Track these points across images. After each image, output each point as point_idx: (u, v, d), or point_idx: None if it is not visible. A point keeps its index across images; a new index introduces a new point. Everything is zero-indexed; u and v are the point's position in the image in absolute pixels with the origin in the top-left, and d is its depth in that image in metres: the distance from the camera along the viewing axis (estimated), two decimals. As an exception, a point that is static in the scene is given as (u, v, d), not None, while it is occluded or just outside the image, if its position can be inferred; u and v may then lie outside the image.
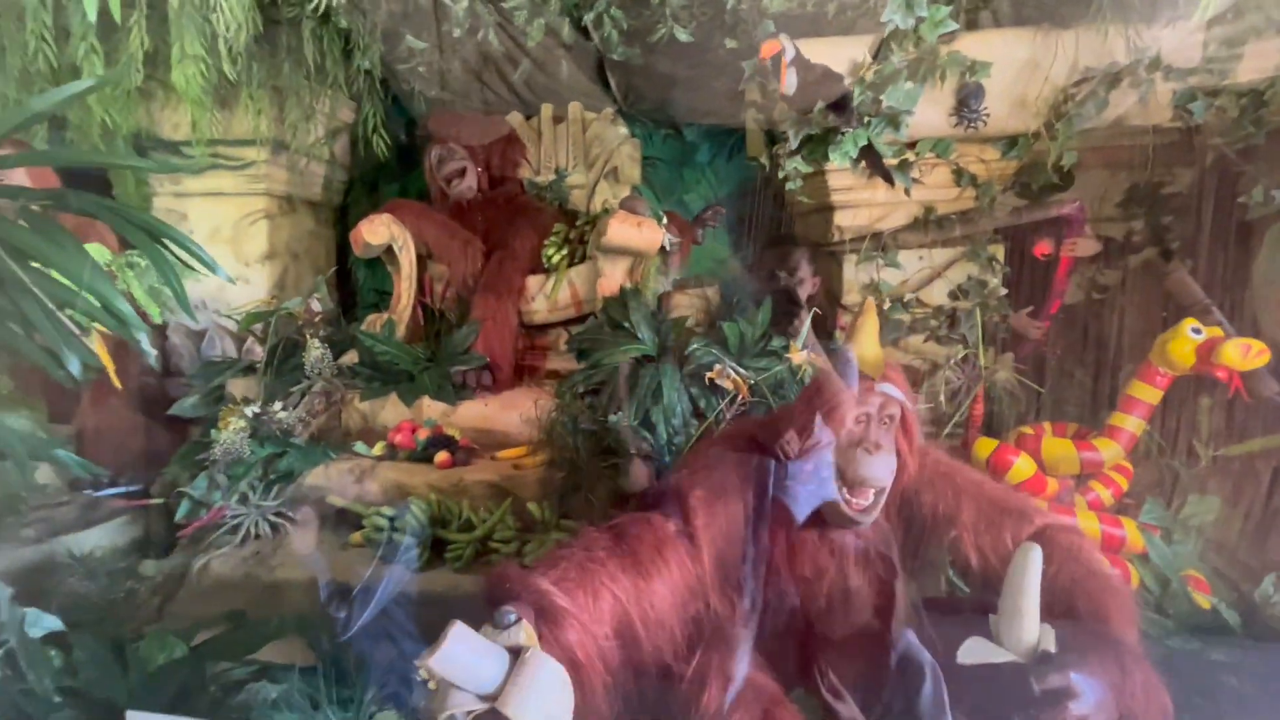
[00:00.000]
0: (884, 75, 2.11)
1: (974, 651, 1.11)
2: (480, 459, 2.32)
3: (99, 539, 2.12)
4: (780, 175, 2.54)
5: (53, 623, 1.20)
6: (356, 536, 2.02)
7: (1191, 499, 2.16)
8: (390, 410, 2.52)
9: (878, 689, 1.28)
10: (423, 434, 2.29)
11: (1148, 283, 2.94)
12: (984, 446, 2.18)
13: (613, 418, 2.25)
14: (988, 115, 2.58)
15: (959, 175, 2.80)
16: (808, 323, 2.46)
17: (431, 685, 0.89)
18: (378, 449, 2.29)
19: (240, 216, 3.28)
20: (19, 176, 1.58)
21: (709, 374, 2.23)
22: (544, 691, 0.87)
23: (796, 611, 1.52)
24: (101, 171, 3.05)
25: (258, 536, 2.06)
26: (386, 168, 3.79)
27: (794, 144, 2.30)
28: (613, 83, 3.13)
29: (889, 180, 2.47)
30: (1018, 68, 2.55)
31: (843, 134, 2.20)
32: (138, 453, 2.43)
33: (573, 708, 0.93)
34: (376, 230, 2.74)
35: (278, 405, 2.27)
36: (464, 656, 0.85)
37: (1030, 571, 1.09)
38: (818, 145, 2.31)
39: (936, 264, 2.95)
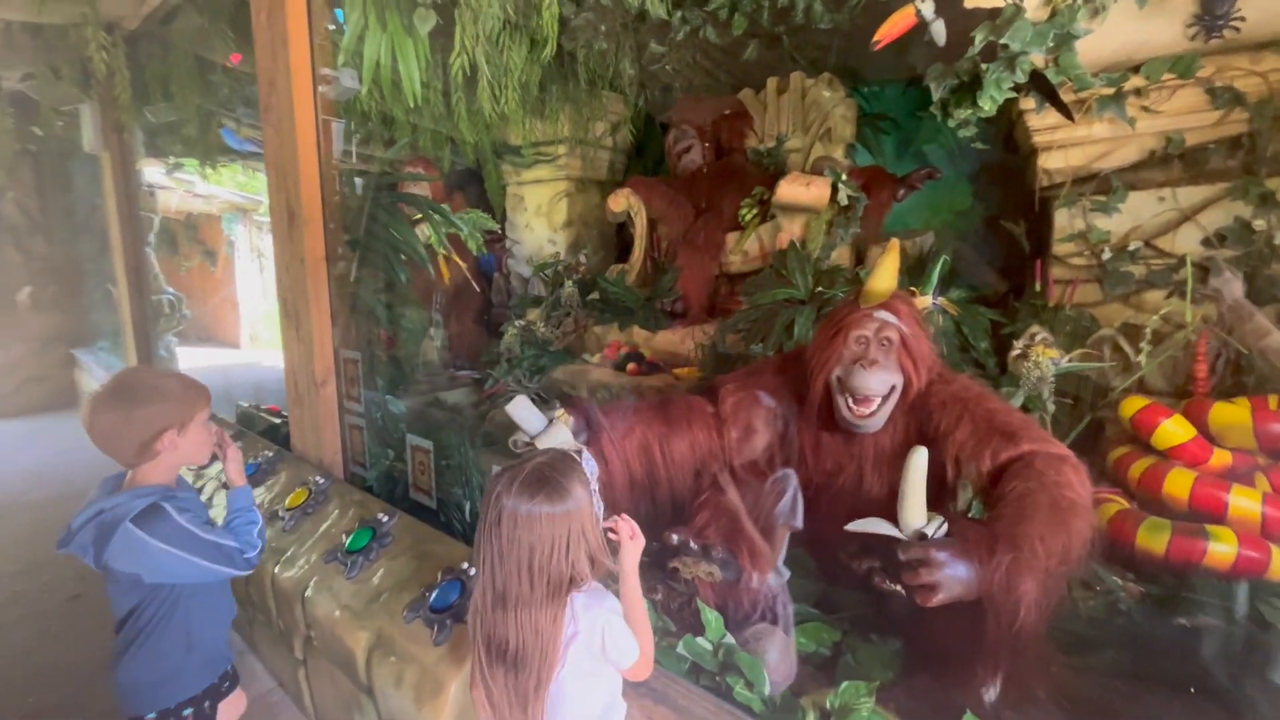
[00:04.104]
0: (1005, 17, 2.00)
1: (863, 524, 1.37)
2: (661, 372, 3.06)
3: (454, 396, 3.57)
4: (951, 124, 2.54)
5: (401, 408, 2.44)
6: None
7: None
8: (614, 333, 3.45)
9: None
10: (623, 350, 3.14)
11: None
12: (1131, 404, 1.98)
13: (755, 347, 2.73)
14: (1242, 18, 2.10)
15: (1215, 95, 2.31)
16: None
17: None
18: (595, 359, 3.24)
19: (551, 196, 4.58)
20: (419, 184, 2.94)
21: (834, 314, 2.51)
22: (557, 439, 1.60)
23: (818, 492, 1.87)
24: (477, 170, 4.70)
25: (523, 404, 3.22)
26: (655, 149, 4.71)
27: (936, 94, 2.31)
28: (796, 53, 3.40)
29: (1066, 114, 2.26)
30: (1302, -53, 2.01)
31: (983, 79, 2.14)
32: (479, 348, 3.90)
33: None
34: (618, 201, 3.66)
35: (540, 323, 3.40)
36: (521, 411, 1.63)
37: (914, 470, 1.29)
38: (965, 94, 2.28)
39: (1184, 205, 2.49)
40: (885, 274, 1.71)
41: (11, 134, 4.59)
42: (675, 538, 1.61)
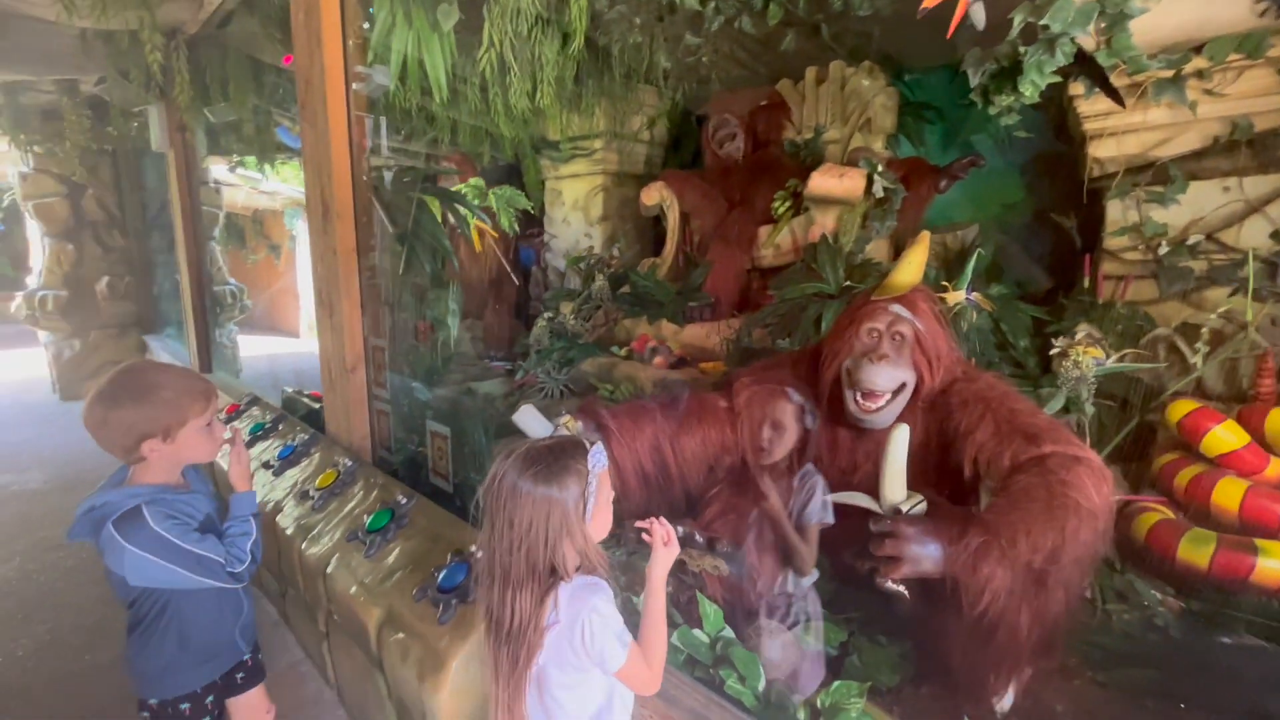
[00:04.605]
0: (1044, -4, 1.88)
1: (843, 497, 1.38)
2: (688, 366, 3.04)
3: (486, 386, 3.65)
4: (992, 111, 2.42)
5: (426, 395, 2.52)
6: (598, 404, 3.02)
7: None
8: (643, 327, 3.45)
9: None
10: (651, 344, 3.14)
11: None
12: (1178, 408, 1.86)
13: (780, 342, 2.69)
14: (1319, -10, 1.93)
15: (1289, 75, 2.13)
16: None
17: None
18: (623, 352, 3.25)
19: (588, 190, 4.61)
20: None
21: (863, 309, 2.44)
22: (559, 440, 1.62)
23: (831, 490, 1.83)
24: (517, 165, 4.78)
25: (551, 396, 3.26)
26: (691, 142, 4.68)
27: (974, 80, 2.21)
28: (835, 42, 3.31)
29: (1116, 99, 2.13)
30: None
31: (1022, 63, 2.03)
32: (511, 340, 3.97)
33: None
34: (651, 194, 3.65)
35: (571, 316, 3.43)
36: (526, 419, 1.65)
37: (895, 448, 1.25)
38: (1005, 79, 2.16)
39: (1251, 196, 2.31)
40: (909, 267, 1.65)
41: (90, 134, 4.94)
42: (681, 529, 1.61)
